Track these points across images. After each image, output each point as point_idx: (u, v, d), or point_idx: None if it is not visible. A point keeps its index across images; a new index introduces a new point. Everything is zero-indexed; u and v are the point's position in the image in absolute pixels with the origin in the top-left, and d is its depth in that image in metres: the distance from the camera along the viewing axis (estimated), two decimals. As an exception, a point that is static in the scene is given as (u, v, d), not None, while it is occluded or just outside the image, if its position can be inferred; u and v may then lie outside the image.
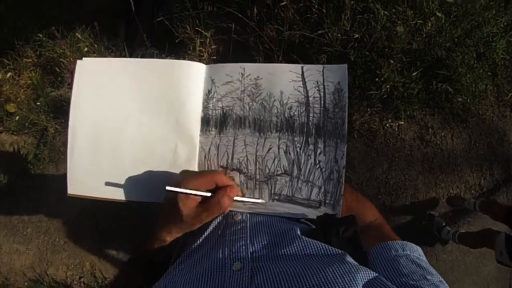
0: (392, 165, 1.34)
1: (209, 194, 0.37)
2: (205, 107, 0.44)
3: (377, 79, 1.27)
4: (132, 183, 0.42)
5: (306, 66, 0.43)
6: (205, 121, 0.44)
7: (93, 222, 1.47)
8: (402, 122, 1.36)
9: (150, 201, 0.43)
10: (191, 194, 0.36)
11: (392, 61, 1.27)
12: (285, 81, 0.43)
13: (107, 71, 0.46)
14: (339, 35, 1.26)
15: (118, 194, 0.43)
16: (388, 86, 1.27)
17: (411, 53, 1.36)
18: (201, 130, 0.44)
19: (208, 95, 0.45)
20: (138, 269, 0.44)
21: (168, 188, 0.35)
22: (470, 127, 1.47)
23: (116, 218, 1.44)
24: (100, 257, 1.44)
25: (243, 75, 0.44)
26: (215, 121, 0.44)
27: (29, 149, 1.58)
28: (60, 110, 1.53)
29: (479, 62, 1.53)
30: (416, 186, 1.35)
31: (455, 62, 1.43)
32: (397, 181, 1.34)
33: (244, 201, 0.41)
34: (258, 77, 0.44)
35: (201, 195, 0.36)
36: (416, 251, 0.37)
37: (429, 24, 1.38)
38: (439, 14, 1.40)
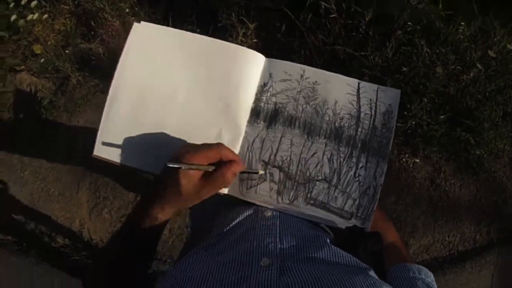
0: (399, 199, 1.35)
1: (212, 168, 0.35)
2: (257, 99, 0.44)
3: (405, 113, 1.27)
4: (166, 158, 0.41)
5: (362, 83, 0.44)
6: (255, 113, 0.44)
7: (93, 181, 1.47)
8: (418, 160, 1.37)
9: None
10: (194, 169, 0.34)
11: (424, 99, 1.27)
12: (341, 92, 0.44)
13: (163, 41, 0.45)
14: (380, 60, 1.26)
15: (149, 167, 0.42)
16: (414, 122, 1.28)
17: (443, 96, 1.36)
18: (249, 121, 0.44)
19: (263, 88, 0.45)
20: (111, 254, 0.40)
21: (169, 164, 0.33)
22: (479, 182, 1.49)
23: (118, 182, 1.44)
24: (92, 217, 1.44)
25: (302, 76, 0.45)
26: (265, 115, 0.44)
27: (46, 94, 1.57)
28: (86, 63, 1.52)
29: (504, 121, 1.54)
30: (415, 225, 1.37)
31: (482, 115, 1.44)
32: (400, 215, 1.35)
33: (244, 172, 0.41)
34: (316, 81, 0.45)
35: (205, 169, 0.35)
36: (430, 277, 0.39)
37: (470, 74, 1.38)
38: (479, 66, 1.41)
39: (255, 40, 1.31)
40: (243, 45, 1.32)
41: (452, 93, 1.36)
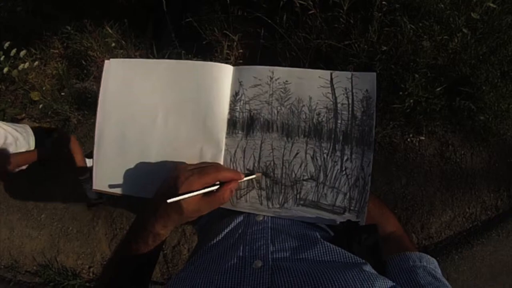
0: (410, 180, 1.33)
1: (214, 188, 0.36)
2: (232, 109, 0.44)
3: (401, 93, 1.26)
4: (157, 182, 0.42)
5: (335, 73, 0.42)
6: (232, 124, 0.44)
7: (108, 214, 1.49)
8: (423, 138, 1.35)
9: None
10: (193, 196, 0.35)
11: (417, 76, 1.27)
12: (314, 87, 0.42)
13: (134, 72, 0.46)
14: (365, 46, 1.26)
15: (143, 192, 0.44)
16: (411, 101, 1.27)
17: (435, 68, 1.35)
18: (227, 133, 0.44)
19: (235, 97, 0.44)
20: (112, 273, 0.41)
21: (169, 201, 0.34)
22: (490, 147, 1.45)
23: (132, 210, 1.46)
24: (112, 248, 1.46)
25: (271, 78, 0.44)
26: (242, 124, 0.43)
27: (50, 137, 1.61)
28: (84, 102, 1.56)
29: (503, 80, 1.51)
30: (432, 203, 1.34)
31: (479, 79, 1.41)
32: (414, 196, 1.33)
33: (243, 180, 0.41)
34: (287, 81, 0.43)
35: (202, 192, 0.36)
36: (432, 263, 0.38)
37: (455, 40, 1.37)
38: (465, 31, 1.39)
39: (241, 50, 1.33)
40: (229, 58, 1.35)
41: (444, 64, 1.35)
